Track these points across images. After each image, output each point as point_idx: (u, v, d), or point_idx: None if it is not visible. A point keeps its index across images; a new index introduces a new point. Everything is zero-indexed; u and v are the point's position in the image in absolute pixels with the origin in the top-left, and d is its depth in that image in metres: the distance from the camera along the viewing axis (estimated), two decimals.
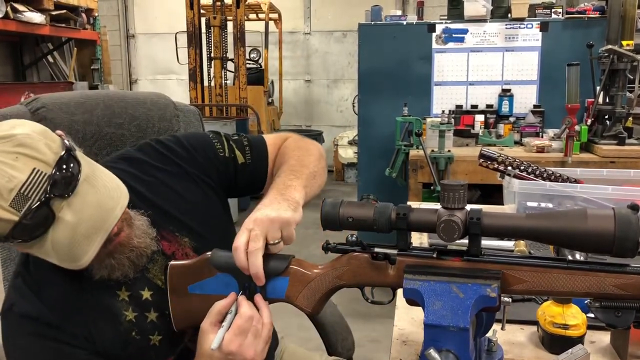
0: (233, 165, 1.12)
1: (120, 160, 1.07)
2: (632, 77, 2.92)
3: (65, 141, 0.88)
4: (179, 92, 7.62)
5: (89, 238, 0.84)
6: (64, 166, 0.84)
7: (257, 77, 6.49)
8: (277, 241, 0.89)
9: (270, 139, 1.18)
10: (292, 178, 1.01)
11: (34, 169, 0.81)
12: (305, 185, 1.01)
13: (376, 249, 0.84)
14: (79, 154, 0.90)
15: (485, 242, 0.87)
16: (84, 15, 6.35)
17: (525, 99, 3.57)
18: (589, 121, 3.03)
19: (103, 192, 0.87)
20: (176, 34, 6.39)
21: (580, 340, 0.97)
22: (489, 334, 0.89)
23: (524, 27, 3.51)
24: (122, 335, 0.99)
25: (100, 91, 1.48)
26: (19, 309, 0.95)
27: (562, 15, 3.50)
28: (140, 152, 1.09)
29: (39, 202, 0.81)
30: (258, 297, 0.90)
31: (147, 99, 1.36)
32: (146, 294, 1.01)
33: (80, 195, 0.85)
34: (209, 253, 0.94)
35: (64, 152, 0.85)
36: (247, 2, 5.69)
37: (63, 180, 0.83)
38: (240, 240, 0.88)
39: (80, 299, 0.96)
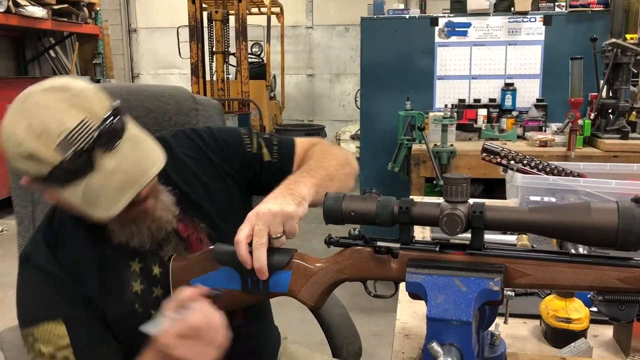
0: (259, 162, 1.14)
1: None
2: (635, 71, 2.91)
3: (116, 102, 0.92)
4: (181, 86, 7.60)
5: (122, 191, 0.88)
6: (112, 122, 0.88)
7: (259, 71, 6.48)
8: (279, 235, 0.90)
9: (300, 141, 1.20)
10: (305, 175, 1.02)
11: (84, 119, 0.86)
12: (318, 184, 1.01)
13: (379, 243, 0.84)
14: (128, 117, 0.93)
15: (488, 237, 0.87)
16: (85, 9, 6.35)
17: (528, 93, 3.55)
18: (592, 115, 3.02)
19: (143, 152, 0.91)
20: (178, 28, 6.38)
21: (583, 334, 0.97)
22: (492, 328, 0.89)
23: (527, 21, 3.49)
24: (125, 305, 1.01)
25: (120, 84, 1.53)
26: (35, 261, 0.99)
27: (566, 9, 3.48)
28: (174, 137, 1.14)
29: (82, 150, 0.85)
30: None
31: (165, 92, 1.36)
32: (156, 270, 1.04)
33: (121, 151, 0.89)
34: (212, 247, 0.94)
35: (113, 110, 0.90)
36: None
37: (107, 135, 0.87)
38: (242, 234, 0.88)
39: (94, 263, 1.00)
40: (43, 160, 0.84)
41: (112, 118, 0.88)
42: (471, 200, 0.78)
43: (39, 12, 5.31)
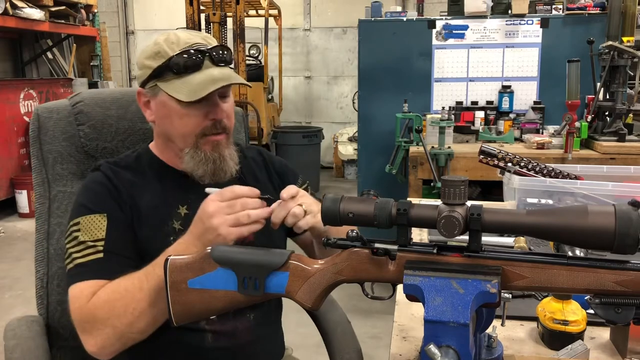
0: None
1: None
2: (632, 74, 2.92)
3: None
4: None
5: (214, 82, 1.11)
6: (222, 50, 1.17)
7: (256, 73, 6.47)
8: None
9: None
10: None
11: (206, 41, 1.17)
12: None
13: (376, 245, 0.84)
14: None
15: (486, 239, 0.87)
16: (83, 11, 6.35)
17: (526, 95, 3.56)
18: (589, 117, 3.02)
19: (238, 75, 1.18)
20: (176, 30, 6.37)
21: (580, 336, 0.98)
22: (489, 330, 0.89)
23: (525, 24, 3.50)
24: (161, 236, 1.13)
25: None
26: (102, 169, 1.18)
27: (563, 12, 3.49)
28: (246, 147, 1.38)
29: (194, 55, 1.13)
30: None
31: None
32: None
33: (225, 69, 1.16)
34: (209, 248, 0.94)
35: (226, 47, 1.19)
36: None
37: (217, 55, 1.16)
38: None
39: (149, 194, 1.17)
40: (164, 55, 1.13)
41: (224, 49, 1.17)
42: (469, 203, 0.78)
43: (36, 14, 5.31)
